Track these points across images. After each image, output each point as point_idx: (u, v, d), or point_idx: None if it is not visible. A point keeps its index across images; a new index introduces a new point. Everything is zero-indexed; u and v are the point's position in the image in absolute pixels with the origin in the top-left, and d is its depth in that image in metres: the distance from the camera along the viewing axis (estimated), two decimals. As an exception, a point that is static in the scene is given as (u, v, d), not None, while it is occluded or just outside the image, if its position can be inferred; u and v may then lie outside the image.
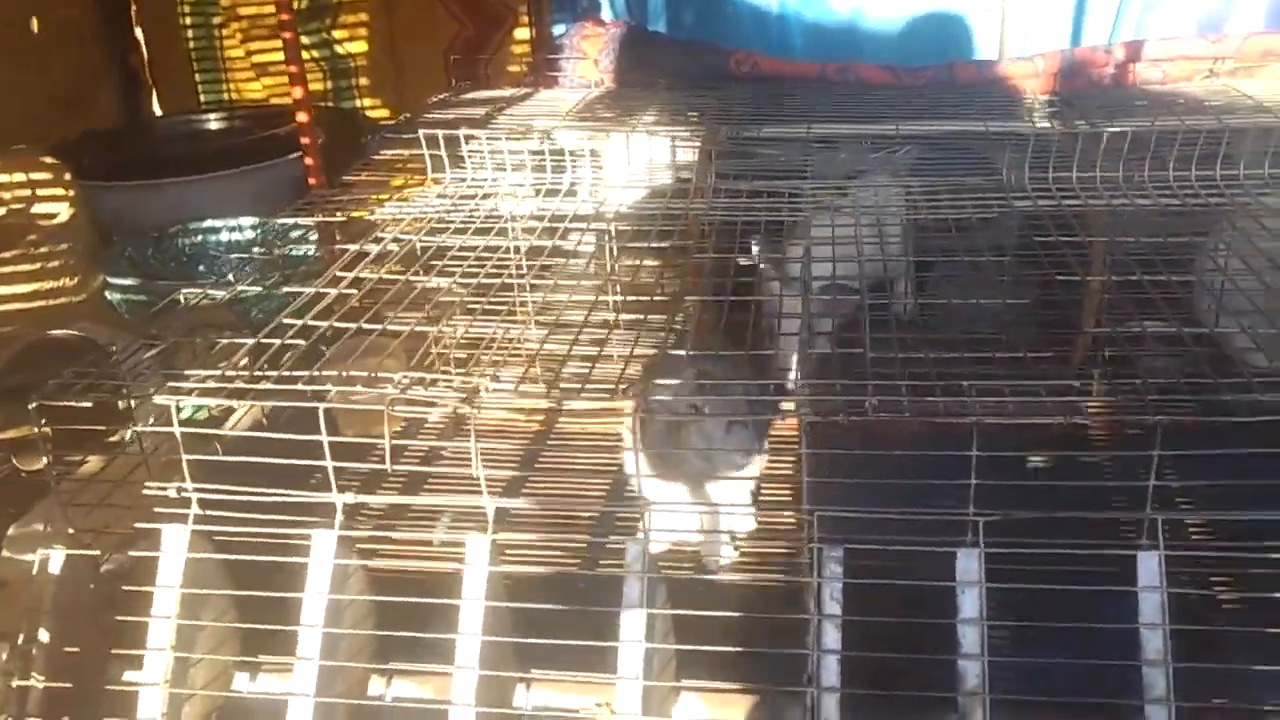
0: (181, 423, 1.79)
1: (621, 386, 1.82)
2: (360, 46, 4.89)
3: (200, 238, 3.68)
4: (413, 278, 2.17)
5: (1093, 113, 2.96)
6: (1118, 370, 2.32)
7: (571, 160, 2.68)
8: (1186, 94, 3.23)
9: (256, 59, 4.96)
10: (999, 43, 4.13)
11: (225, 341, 2.00)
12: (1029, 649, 1.71)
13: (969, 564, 1.57)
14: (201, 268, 3.62)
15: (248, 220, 3.66)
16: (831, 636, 1.58)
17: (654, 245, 2.25)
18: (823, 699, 1.56)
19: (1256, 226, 2.11)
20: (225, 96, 5.15)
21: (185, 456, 1.77)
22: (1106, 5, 4.04)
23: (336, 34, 4.85)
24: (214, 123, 4.77)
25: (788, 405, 2.14)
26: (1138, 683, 1.55)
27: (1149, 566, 1.54)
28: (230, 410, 2.54)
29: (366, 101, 5.00)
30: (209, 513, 1.79)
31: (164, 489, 1.78)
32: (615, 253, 2.76)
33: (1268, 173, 2.31)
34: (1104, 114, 2.93)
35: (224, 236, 3.65)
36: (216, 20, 5.03)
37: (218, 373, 1.83)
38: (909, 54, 4.01)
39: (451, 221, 2.42)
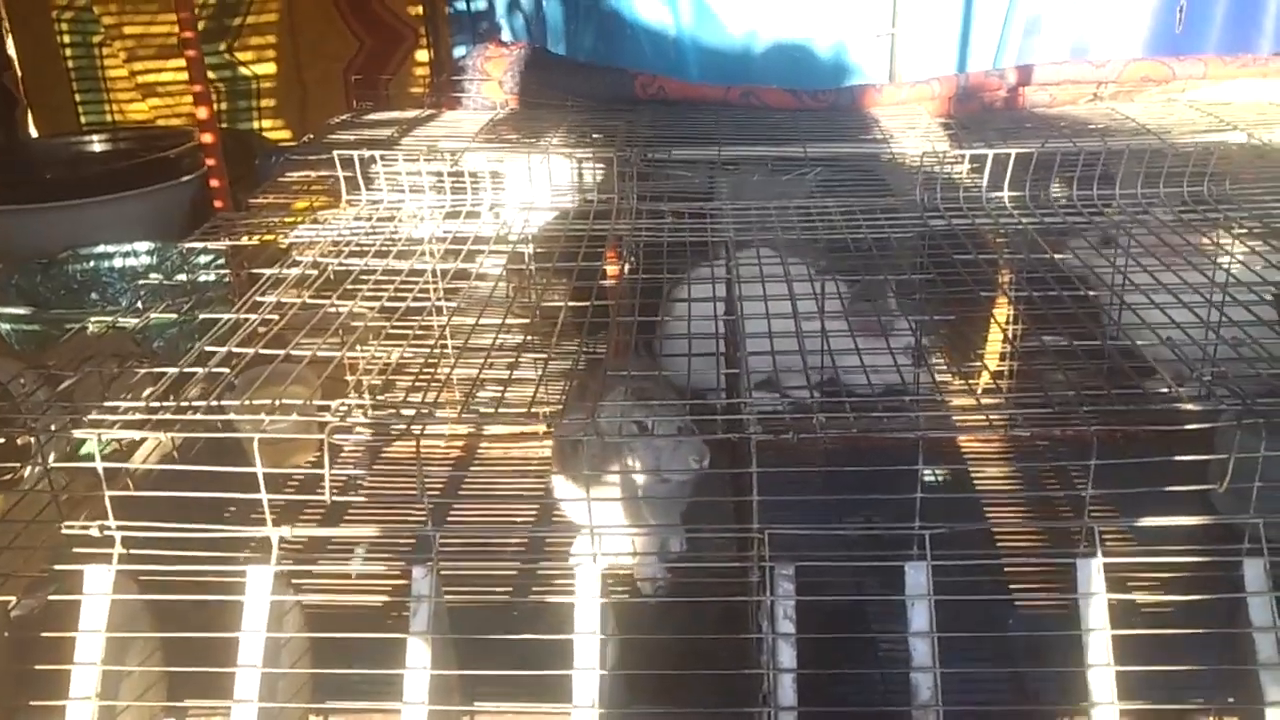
0: (85, 458, 1.71)
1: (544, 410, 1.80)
2: (266, 68, 4.77)
3: (92, 264, 3.52)
4: (338, 302, 2.11)
5: (988, 135, 3.08)
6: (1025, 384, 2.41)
7: (489, 182, 2.66)
8: (1072, 116, 3.38)
9: (143, 79, 4.79)
10: (889, 67, 4.26)
11: (144, 372, 1.91)
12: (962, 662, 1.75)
13: (918, 577, 1.59)
14: (94, 295, 3.46)
15: (143, 245, 3.51)
16: (786, 655, 1.59)
17: (581, 265, 2.24)
18: (780, 718, 1.56)
19: (1155, 242, 2.22)
20: (107, 117, 4.95)
21: (107, 493, 1.69)
22: (990, 32, 4.20)
23: (241, 55, 4.72)
24: (98, 144, 4.58)
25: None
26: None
27: (1088, 573, 1.59)
28: (137, 444, 2.46)
29: (267, 123, 4.87)
30: (134, 551, 1.71)
31: (86, 528, 1.69)
32: (533, 274, 2.75)
33: (1163, 192, 2.42)
34: (999, 136, 3.05)
35: (117, 263, 3.50)
36: (96, 39, 4.84)
37: (140, 404, 1.75)
38: (802, 78, 4.12)
39: (370, 245, 2.37)
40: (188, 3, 2.82)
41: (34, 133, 4.95)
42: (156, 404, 1.75)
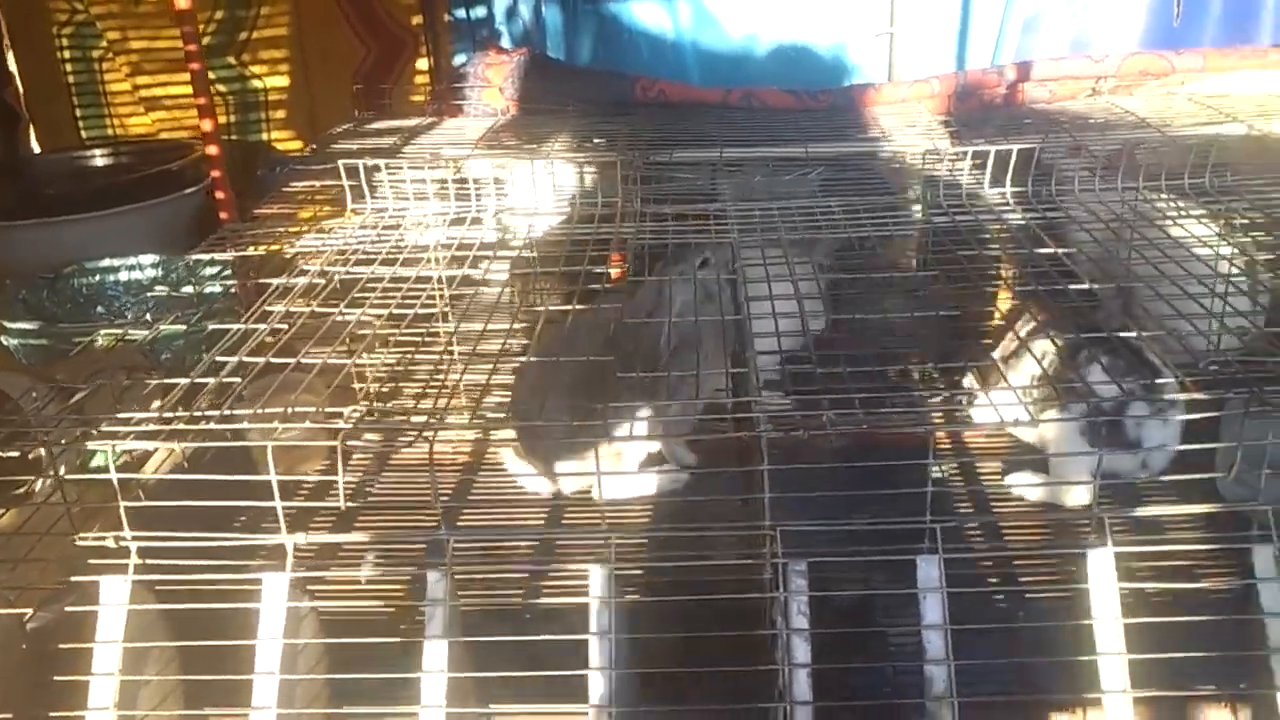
0: (96, 470, 1.72)
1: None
2: (276, 80, 4.79)
3: (98, 278, 3.53)
4: (345, 311, 2.13)
5: (988, 132, 3.09)
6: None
7: (493, 188, 2.68)
8: (1072, 111, 3.39)
9: (146, 93, 4.81)
10: (888, 66, 4.27)
11: (154, 383, 1.92)
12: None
13: (930, 570, 1.60)
14: (100, 309, 3.47)
15: (148, 258, 3.53)
16: (801, 651, 1.60)
17: (590, 270, 2.25)
18: (796, 713, 1.57)
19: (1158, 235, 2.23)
20: (108, 131, 4.96)
21: (122, 504, 1.70)
22: (988, 29, 4.21)
23: (252, 68, 4.74)
24: (100, 159, 4.60)
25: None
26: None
27: (1100, 563, 1.60)
28: (146, 456, 2.48)
29: (277, 134, 4.89)
30: (149, 562, 1.72)
31: (101, 539, 1.71)
32: (538, 279, 2.76)
33: (1165, 184, 2.43)
34: (999, 133, 3.06)
35: (123, 276, 3.51)
36: (96, 53, 4.85)
37: (153, 414, 1.76)
38: (802, 78, 4.12)
39: (376, 253, 2.39)
40: (191, 17, 2.83)
41: (36, 148, 4.96)
42: (170, 414, 1.76)
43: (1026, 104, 3.52)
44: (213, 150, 2.90)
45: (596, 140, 3.26)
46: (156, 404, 1.90)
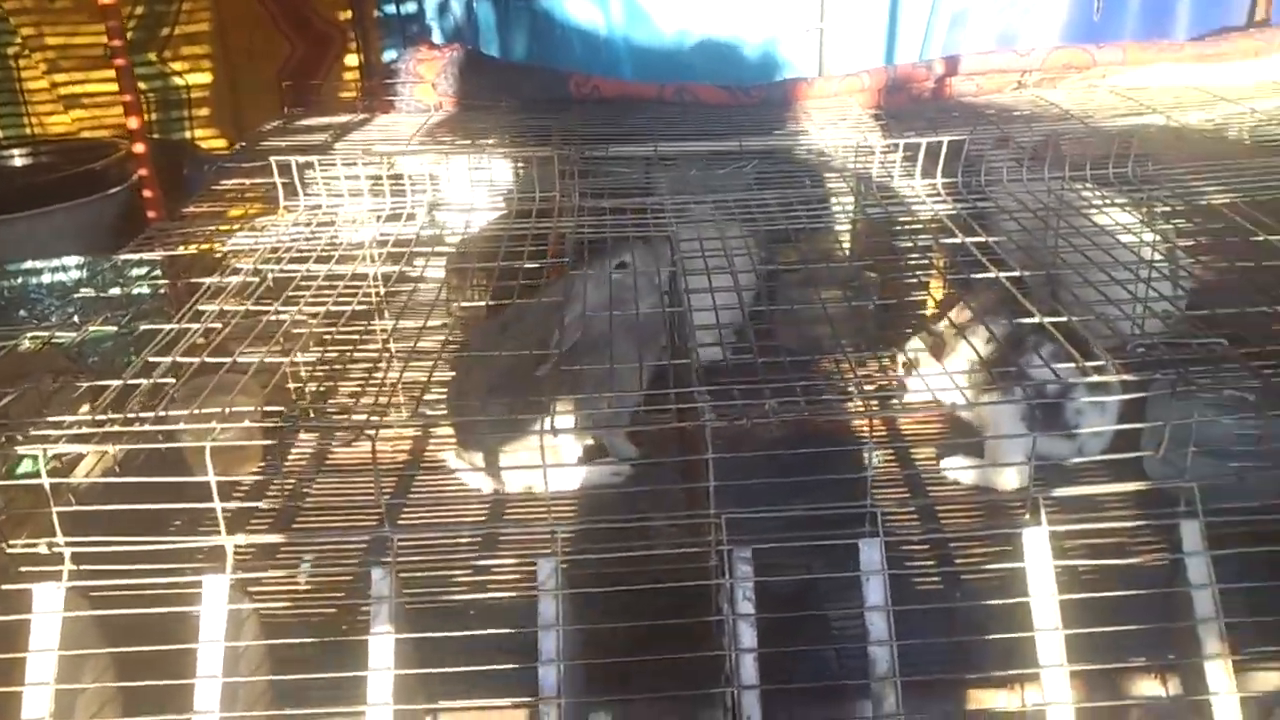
0: (24, 475, 1.69)
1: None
2: (199, 77, 4.69)
3: (20, 280, 3.42)
4: (281, 309, 2.10)
5: (918, 125, 3.14)
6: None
7: (428, 184, 2.66)
8: (999, 104, 3.46)
9: (65, 90, 4.68)
10: (818, 61, 4.31)
11: (85, 386, 1.88)
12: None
13: (871, 554, 1.63)
14: (22, 312, 3.37)
15: (73, 260, 3.43)
16: (748, 635, 1.62)
17: (526, 265, 2.25)
18: (743, 697, 1.59)
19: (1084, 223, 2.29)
20: (26, 130, 4.82)
21: (55, 509, 1.67)
22: (915, 24, 4.27)
23: (174, 65, 4.63)
24: (19, 158, 4.47)
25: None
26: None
27: (1036, 543, 1.64)
28: (76, 460, 2.42)
29: (201, 132, 4.79)
30: (84, 568, 1.69)
31: (33, 545, 1.67)
32: (474, 275, 2.76)
33: (1090, 174, 2.49)
34: (929, 126, 3.12)
35: (46, 278, 3.41)
36: (11, 50, 4.71)
37: (85, 417, 1.72)
38: (734, 74, 4.15)
39: (311, 251, 2.36)
40: (116, 12, 2.77)
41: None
42: (102, 417, 1.72)
43: (954, 97, 3.59)
44: (139, 148, 2.84)
45: (531, 136, 3.26)
46: (86, 407, 1.86)
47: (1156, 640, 1.76)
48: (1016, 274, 1.90)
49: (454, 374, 2.54)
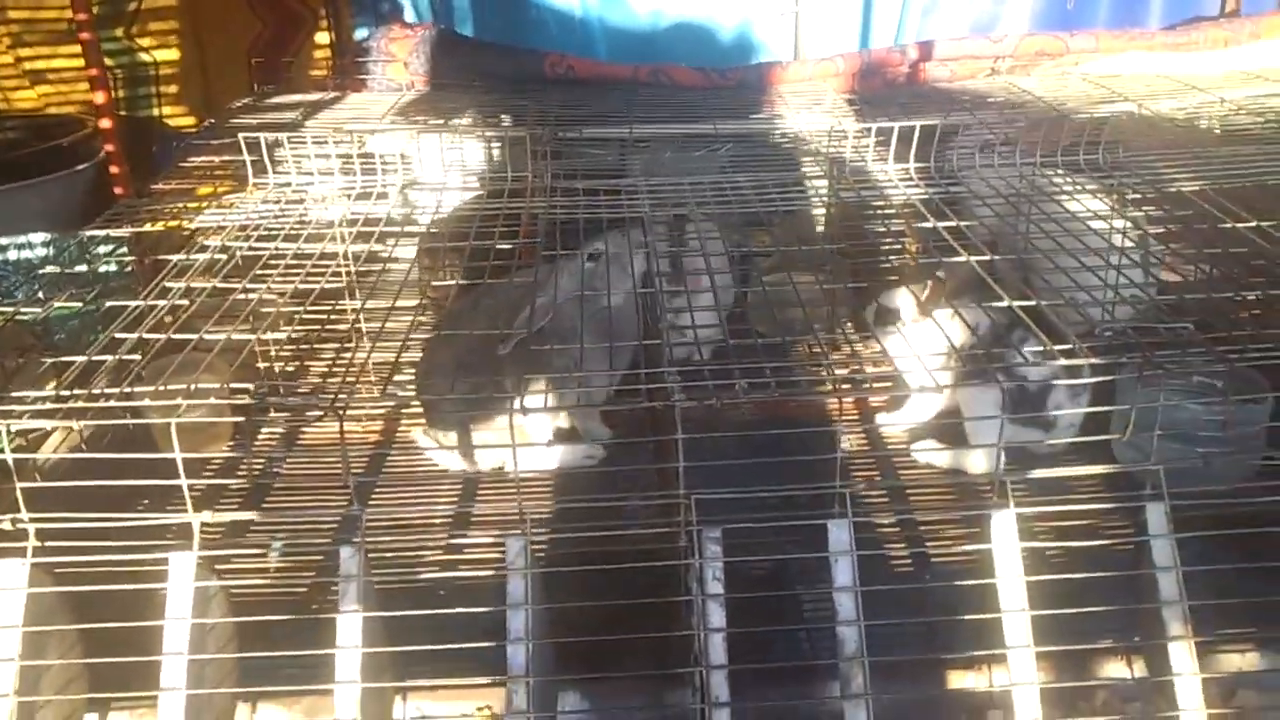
0: (-2, 451, 1.66)
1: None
2: (167, 54, 4.61)
3: (-15, 257, 3.38)
4: (249, 286, 2.08)
5: (892, 110, 3.14)
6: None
7: (399, 163, 2.64)
8: (972, 90, 3.47)
9: (31, 65, 4.60)
10: (794, 44, 4.32)
11: (49, 362, 1.86)
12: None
13: (840, 534, 1.64)
14: (-12, 289, 3.32)
15: (39, 236, 3.38)
16: (716, 615, 1.62)
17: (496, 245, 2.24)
18: (711, 677, 1.60)
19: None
20: (-10, 105, 4.76)
21: (19, 485, 1.65)
22: (890, 9, 4.29)
23: (141, 40, 4.56)
24: (-17, 134, 4.41)
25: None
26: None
27: (1004, 525, 1.65)
28: (43, 438, 2.40)
29: (169, 109, 4.72)
30: (49, 544, 1.67)
31: (-6, 521, 1.65)
32: (445, 256, 2.74)
33: (1061, 160, 2.51)
34: (903, 111, 3.12)
35: (11, 255, 3.36)
36: (-27, 24, 4.64)
37: (49, 393, 1.70)
38: (709, 55, 4.15)
39: (280, 229, 2.34)
40: (82, -16, 2.73)
41: (-86, 123, 4.73)
42: (65, 393, 1.70)
43: (928, 83, 3.60)
44: (106, 124, 2.81)
45: (505, 116, 3.24)
46: (52, 384, 1.84)
47: (1123, 622, 1.78)
48: (986, 258, 1.90)
49: (423, 353, 2.53)
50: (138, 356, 1.82)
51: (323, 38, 4.57)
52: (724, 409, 1.73)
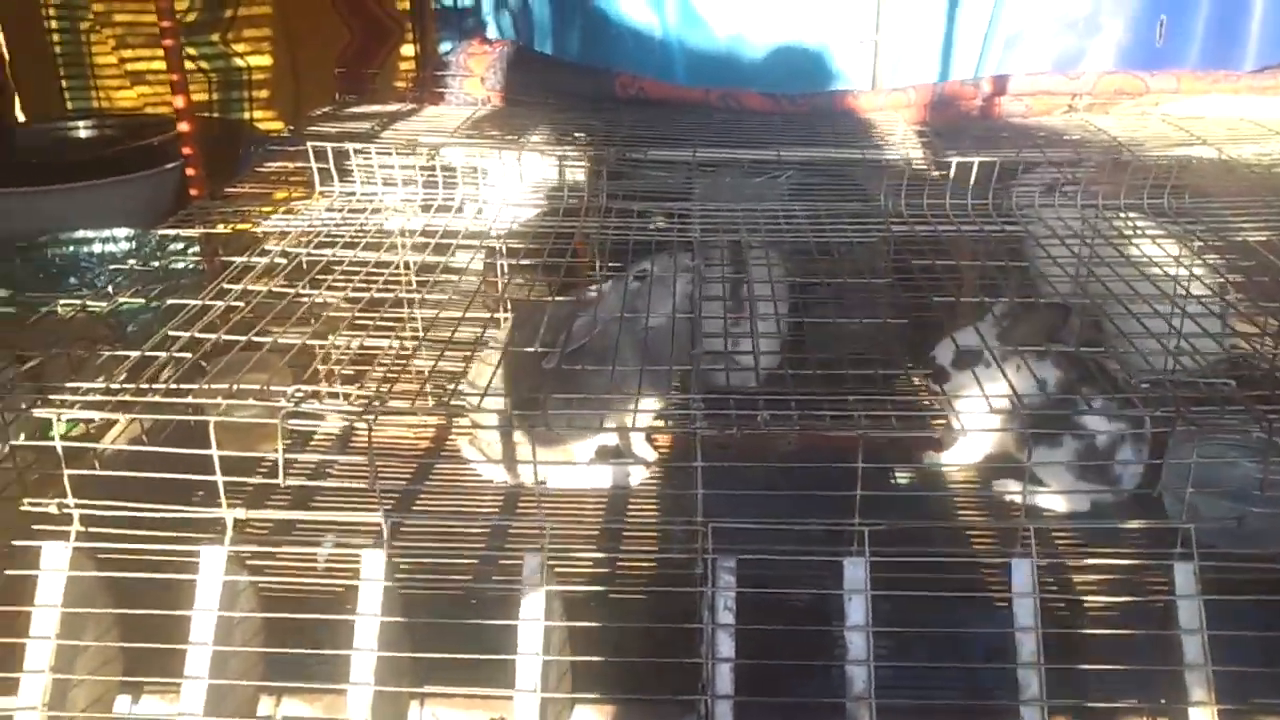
0: (53, 438, 1.74)
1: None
2: (260, 59, 4.80)
3: (71, 249, 3.54)
4: (302, 292, 2.15)
5: (962, 143, 3.11)
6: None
7: (463, 176, 2.70)
8: (1047, 127, 3.42)
9: (131, 66, 4.81)
10: (871, 74, 4.29)
11: (107, 354, 1.94)
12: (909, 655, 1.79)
13: (855, 572, 1.63)
14: (73, 280, 3.48)
15: (122, 231, 3.54)
16: (725, 645, 1.63)
17: (545, 262, 2.28)
18: (716, 706, 1.60)
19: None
20: (94, 103, 4.97)
21: (66, 472, 1.72)
22: (972, 41, 4.24)
23: (236, 46, 4.75)
24: (84, 130, 4.61)
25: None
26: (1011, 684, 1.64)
27: (1022, 574, 1.63)
28: (108, 426, 2.49)
29: (259, 113, 4.90)
30: (91, 529, 1.74)
31: (43, 505, 1.73)
32: (505, 270, 2.79)
33: (1124, 203, 2.46)
34: (973, 144, 3.09)
35: (96, 248, 3.52)
36: (84, 25, 4.86)
37: (100, 385, 1.78)
38: (787, 82, 4.14)
39: (340, 236, 2.41)
40: (167, -8, 2.85)
41: (21, 118, 4.97)
42: (116, 386, 1.78)
43: (1002, 117, 3.55)
44: (184, 126, 2.92)
45: (575, 134, 3.29)
46: (110, 376, 1.92)
47: (1147, 680, 1.74)
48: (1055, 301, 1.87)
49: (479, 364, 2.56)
50: (189, 355, 1.89)
51: (409, 50, 4.69)
52: (773, 439, 1.72)
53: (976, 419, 1.80)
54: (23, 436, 1.93)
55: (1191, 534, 1.64)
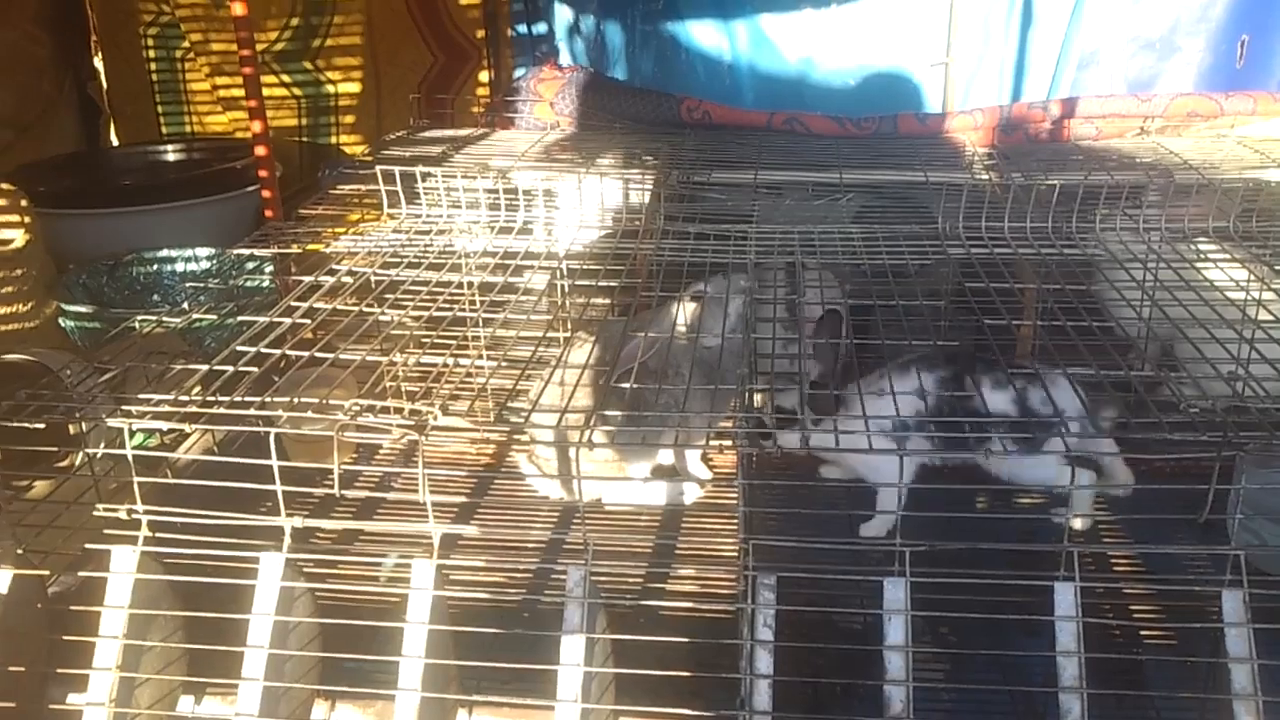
0: (135, 448, 1.83)
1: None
2: (348, 87, 4.98)
3: (155, 267, 3.70)
4: (366, 309, 2.22)
5: (1028, 166, 3.09)
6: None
7: (526, 199, 2.76)
8: (1117, 150, 3.38)
9: (224, 93, 5.01)
10: (943, 97, 4.27)
11: (179, 368, 2.03)
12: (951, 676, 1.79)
13: (896, 593, 1.63)
14: (156, 296, 3.64)
15: (203, 250, 3.69)
16: (764, 661, 1.64)
17: (603, 284, 2.32)
18: (753, 722, 1.61)
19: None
20: (187, 128, 5.18)
21: (136, 479, 1.81)
22: (1045, 63, 4.20)
23: (327, 74, 4.93)
24: (172, 153, 4.80)
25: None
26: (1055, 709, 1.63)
27: (1065, 597, 1.62)
28: (182, 437, 2.60)
29: (346, 137, 5.07)
30: (158, 535, 1.82)
31: (114, 511, 1.81)
32: (567, 289, 2.84)
33: (1188, 226, 2.42)
34: (1039, 167, 3.06)
35: (179, 266, 3.67)
36: (178, 53, 5.07)
37: (169, 397, 1.86)
38: (857, 106, 4.14)
39: (405, 256, 2.48)
40: (246, 23, 2.98)
41: (115, 141, 5.20)
42: (185, 399, 1.86)
43: (1072, 140, 3.52)
44: (260, 150, 3.04)
45: (643, 157, 3.34)
46: (193, 387, 2.01)
47: (1194, 706, 1.71)
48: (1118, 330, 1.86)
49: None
50: (255, 369, 1.97)
51: (485, 76, 4.80)
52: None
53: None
54: (102, 446, 2.02)
55: (1242, 560, 1.61)
